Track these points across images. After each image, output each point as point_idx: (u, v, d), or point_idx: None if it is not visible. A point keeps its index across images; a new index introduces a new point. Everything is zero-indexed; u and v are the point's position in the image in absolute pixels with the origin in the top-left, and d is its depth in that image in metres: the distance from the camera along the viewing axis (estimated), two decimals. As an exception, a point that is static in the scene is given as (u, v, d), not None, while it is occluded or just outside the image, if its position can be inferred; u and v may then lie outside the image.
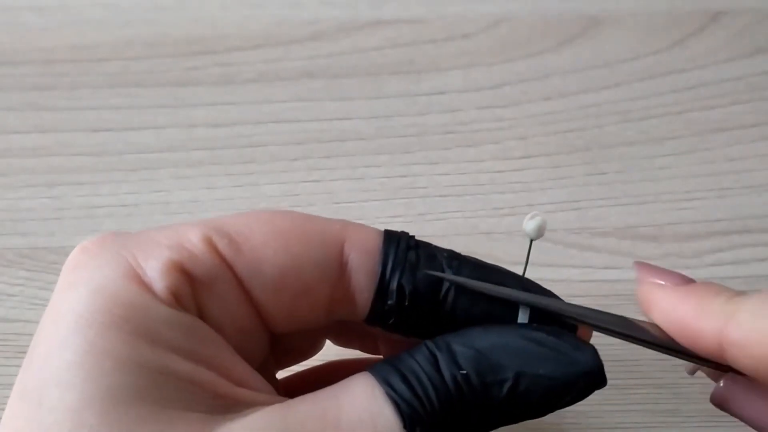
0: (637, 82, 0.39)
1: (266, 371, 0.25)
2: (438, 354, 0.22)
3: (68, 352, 0.20)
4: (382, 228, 0.25)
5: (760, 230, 0.35)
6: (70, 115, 0.38)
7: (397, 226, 0.34)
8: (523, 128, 0.37)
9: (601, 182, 0.36)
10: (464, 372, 0.21)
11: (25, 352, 0.32)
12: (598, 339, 0.31)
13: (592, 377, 0.22)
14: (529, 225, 0.24)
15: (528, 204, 0.35)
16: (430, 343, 0.22)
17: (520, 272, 0.25)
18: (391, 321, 0.23)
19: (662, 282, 0.24)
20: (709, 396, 0.25)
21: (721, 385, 0.24)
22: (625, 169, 0.36)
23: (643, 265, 0.25)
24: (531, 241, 0.25)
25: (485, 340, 0.22)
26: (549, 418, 0.23)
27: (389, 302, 0.23)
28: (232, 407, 0.21)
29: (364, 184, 0.36)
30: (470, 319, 0.23)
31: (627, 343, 0.31)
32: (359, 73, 0.39)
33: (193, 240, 0.22)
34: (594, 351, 0.23)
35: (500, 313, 0.23)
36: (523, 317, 0.23)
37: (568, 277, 0.33)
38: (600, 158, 0.36)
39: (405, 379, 0.21)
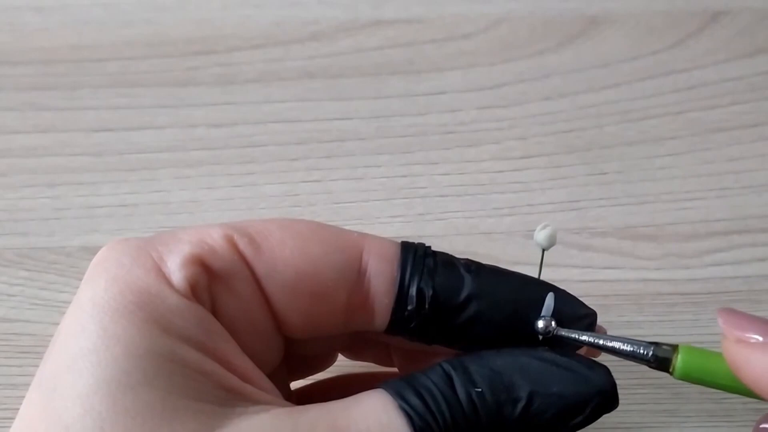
0: (637, 82, 0.39)
1: (279, 380, 0.25)
2: (453, 373, 0.22)
3: (83, 339, 0.20)
4: (383, 228, 0.25)
5: (760, 230, 0.35)
6: (70, 115, 0.38)
7: (397, 226, 0.34)
8: (523, 128, 0.37)
9: (601, 182, 0.36)
10: (479, 390, 0.21)
11: (25, 352, 0.32)
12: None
13: (605, 396, 0.22)
14: (540, 235, 0.25)
15: (528, 204, 0.35)
16: (444, 364, 0.22)
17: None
18: (412, 325, 0.23)
19: (757, 337, 0.21)
20: (708, 395, 0.25)
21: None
22: (625, 169, 0.36)
23: (728, 315, 0.22)
24: (543, 251, 0.25)
25: (500, 360, 0.22)
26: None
27: (409, 307, 0.23)
28: (238, 402, 0.21)
29: (364, 184, 0.36)
30: (491, 323, 0.23)
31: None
32: (359, 73, 0.39)
33: (214, 236, 0.22)
34: (607, 371, 0.23)
35: (521, 316, 0.23)
36: (546, 314, 0.23)
37: (568, 277, 0.33)
38: (600, 158, 0.36)
39: (418, 394, 0.21)
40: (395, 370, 0.28)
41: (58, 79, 0.38)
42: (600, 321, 0.29)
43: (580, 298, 0.25)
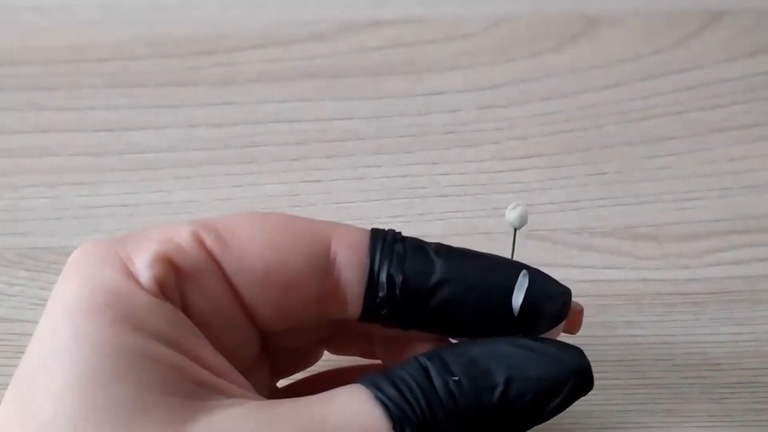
0: (637, 82, 0.39)
1: (261, 378, 0.25)
2: (428, 364, 0.22)
3: (56, 339, 0.20)
4: (383, 227, 0.25)
5: (760, 230, 0.35)
6: (70, 115, 0.38)
7: (397, 226, 0.34)
8: (523, 128, 0.37)
9: (601, 182, 0.36)
10: (456, 378, 0.21)
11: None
12: (601, 339, 0.31)
13: (581, 376, 0.22)
14: (512, 214, 0.25)
15: (528, 204, 0.35)
16: (420, 356, 0.22)
17: None
18: (383, 312, 0.24)
19: None
20: (709, 395, 0.25)
21: None
22: (625, 169, 0.36)
23: None
24: (515, 230, 0.25)
25: (475, 349, 0.22)
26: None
27: (381, 294, 0.23)
28: (211, 396, 0.21)
29: (364, 184, 0.36)
30: (464, 305, 0.23)
31: (627, 343, 0.32)
32: (359, 73, 0.39)
33: (182, 234, 0.23)
34: (580, 351, 0.23)
35: (494, 296, 0.24)
36: (518, 295, 0.23)
37: (568, 277, 0.33)
38: (600, 158, 0.36)
39: (395, 385, 0.21)
40: (380, 362, 0.28)
41: (58, 79, 0.38)
42: (600, 321, 0.29)
43: (580, 299, 0.25)
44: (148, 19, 0.40)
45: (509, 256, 0.26)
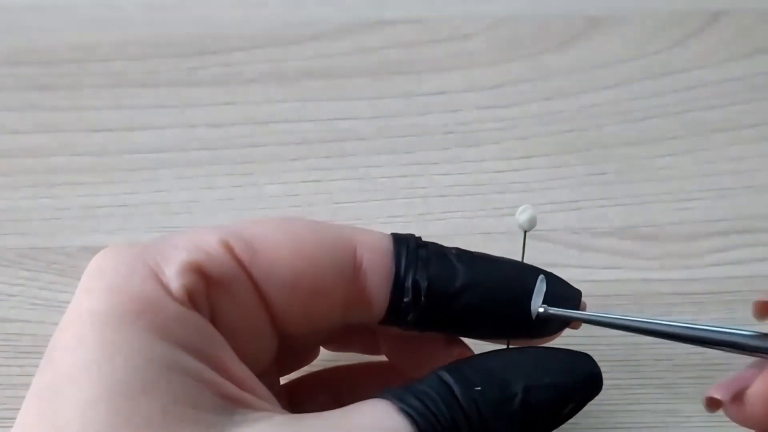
0: (637, 82, 0.39)
1: (270, 378, 0.25)
2: (449, 378, 0.22)
3: (84, 349, 0.20)
4: (383, 228, 0.25)
5: (760, 230, 0.35)
6: (71, 115, 0.38)
7: (397, 227, 0.34)
8: (523, 128, 0.37)
9: (601, 182, 0.36)
10: (478, 388, 0.22)
11: (25, 353, 0.32)
12: (601, 339, 0.31)
13: (593, 380, 0.24)
14: (522, 217, 0.25)
15: (528, 204, 0.35)
16: (439, 371, 0.23)
17: None
18: (409, 317, 0.24)
19: None
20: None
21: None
22: (625, 169, 0.36)
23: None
24: (525, 232, 0.25)
25: (491, 361, 0.23)
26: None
27: (405, 299, 0.24)
28: (236, 410, 0.21)
29: (364, 184, 0.36)
30: (484, 309, 0.24)
31: (627, 343, 0.32)
32: (359, 73, 0.39)
33: (211, 242, 0.22)
34: (590, 358, 0.24)
35: (513, 300, 0.24)
36: (537, 299, 0.24)
37: (568, 277, 0.33)
38: (600, 158, 0.36)
39: (418, 398, 0.22)
40: (383, 358, 0.28)
41: (58, 79, 0.38)
42: (600, 321, 0.29)
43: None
44: (148, 18, 0.40)
45: (518, 258, 0.27)
